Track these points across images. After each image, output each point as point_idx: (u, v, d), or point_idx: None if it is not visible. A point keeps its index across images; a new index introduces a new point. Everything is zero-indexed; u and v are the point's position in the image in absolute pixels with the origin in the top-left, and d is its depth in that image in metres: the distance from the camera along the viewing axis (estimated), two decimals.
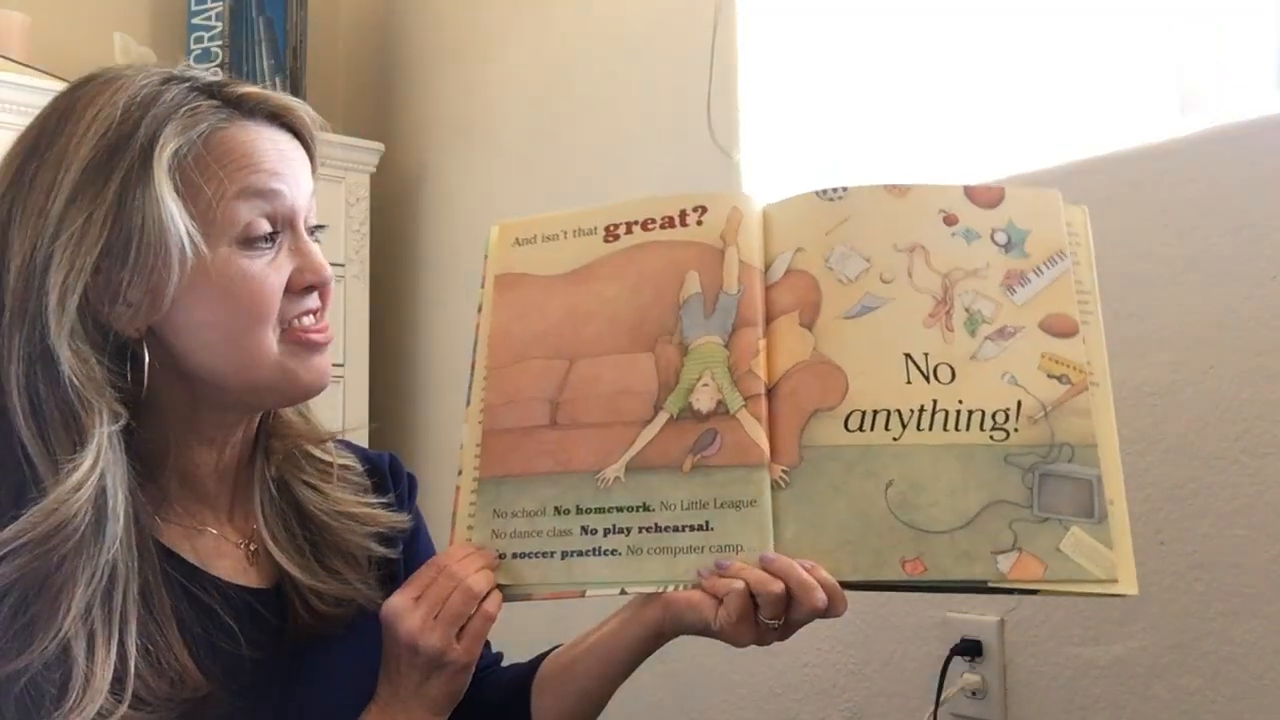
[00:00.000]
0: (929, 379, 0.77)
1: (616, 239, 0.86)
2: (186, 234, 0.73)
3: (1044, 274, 0.79)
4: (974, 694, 1.22)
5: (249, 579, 0.82)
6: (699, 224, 0.84)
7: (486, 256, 0.89)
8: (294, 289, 0.78)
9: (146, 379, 0.75)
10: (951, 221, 0.81)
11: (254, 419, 0.84)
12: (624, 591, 0.78)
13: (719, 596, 0.73)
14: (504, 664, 0.97)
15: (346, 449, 0.93)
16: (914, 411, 0.76)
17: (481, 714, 0.87)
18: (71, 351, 0.71)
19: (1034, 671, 1.19)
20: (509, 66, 1.99)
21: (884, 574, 0.74)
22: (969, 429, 0.75)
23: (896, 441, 0.76)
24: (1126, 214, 1.13)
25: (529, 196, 1.91)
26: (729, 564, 0.74)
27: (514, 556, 0.80)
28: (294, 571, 0.82)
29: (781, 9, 1.54)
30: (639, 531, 0.78)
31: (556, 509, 0.80)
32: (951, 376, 0.77)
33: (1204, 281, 1.08)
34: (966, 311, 0.78)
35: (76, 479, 0.69)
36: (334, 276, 0.82)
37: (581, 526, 0.79)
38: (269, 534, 0.83)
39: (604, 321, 0.83)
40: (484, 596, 0.77)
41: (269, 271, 0.76)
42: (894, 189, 0.82)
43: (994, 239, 0.80)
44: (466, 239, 2.07)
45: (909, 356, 0.77)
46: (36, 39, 1.90)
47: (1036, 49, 1.27)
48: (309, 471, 0.88)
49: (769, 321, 0.80)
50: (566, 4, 1.87)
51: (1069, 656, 1.16)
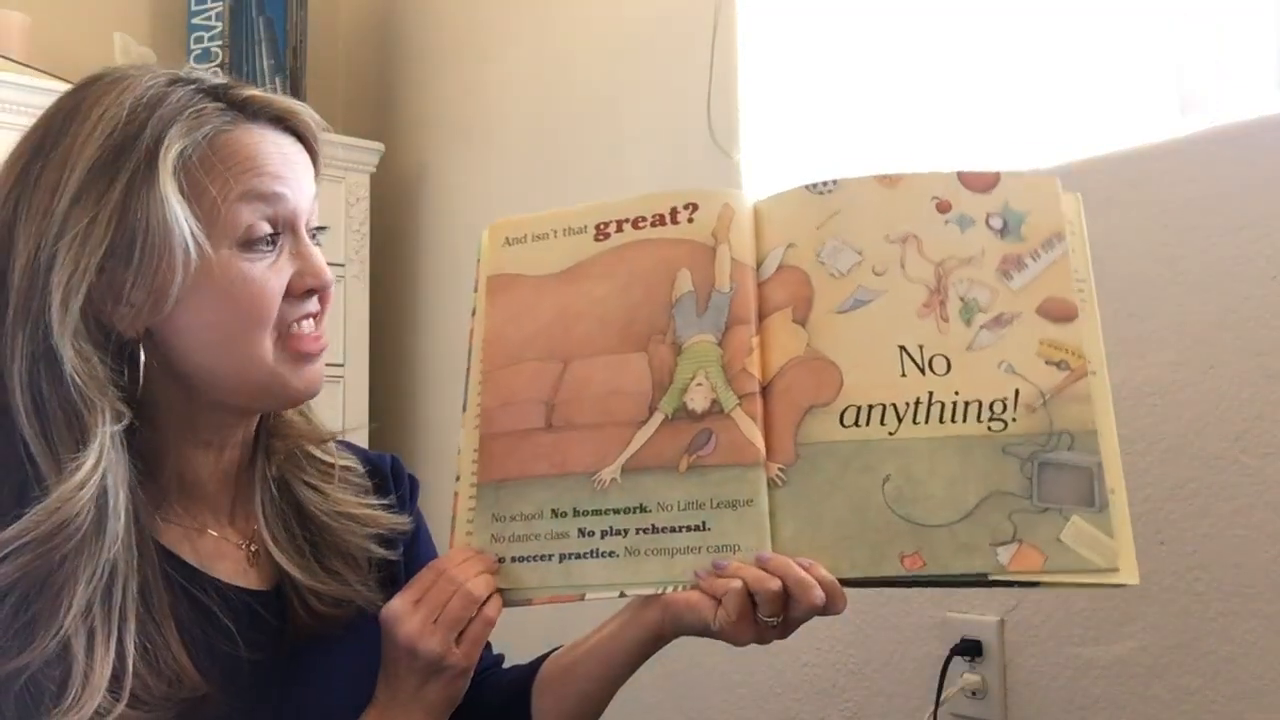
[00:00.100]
0: (924, 371, 0.76)
1: (607, 237, 0.85)
2: (190, 235, 0.73)
3: (1041, 258, 0.78)
4: (974, 694, 1.22)
5: (249, 581, 0.82)
6: (690, 221, 0.83)
7: (479, 260, 0.88)
8: (294, 292, 0.78)
9: (143, 380, 0.75)
10: (945, 209, 0.79)
11: (251, 422, 0.83)
12: (623, 594, 0.78)
13: (717, 597, 0.73)
14: (505, 665, 0.97)
15: (348, 450, 0.93)
16: (909, 405, 0.75)
17: (482, 716, 0.87)
18: (74, 351, 0.71)
19: (1034, 671, 1.19)
20: (509, 66, 1.99)
21: (883, 569, 0.73)
22: (966, 420, 0.75)
23: (892, 436, 0.75)
24: (1126, 214, 1.13)
25: (529, 196, 1.91)
26: (726, 564, 0.74)
27: (513, 560, 0.79)
28: (293, 572, 0.82)
29: (781, 9, 1.54)
30: (636, 533, 0.77)
31: (554, 512, 0.79)
32: (947, 367, 0.76)
33: (1204, 281, 1.08)
34: (961, 300, 0.77)
35: (80, 478, 0.70)
36: (334, 278, 0.82)
37: (579, 529, 0.79)
38: (269, 534, 0.83)
39: (595, 321, 0.83)
40: (484, 601, 0.77)
41: (270, 275, 0.76)
42: (885, 179, 0.81)
43: (989, 224, 0.79)
44: (466, 239, 2.06)
45: (903, 349, 0.77)
46: (36, 39, 1.90)
47: (1036, 49, 1.27)
48: (310, 472, 0.87)
49: (762, 319, 0.79)
50: (566, 4, 1.87)
51: (1069, 656, 1.16)
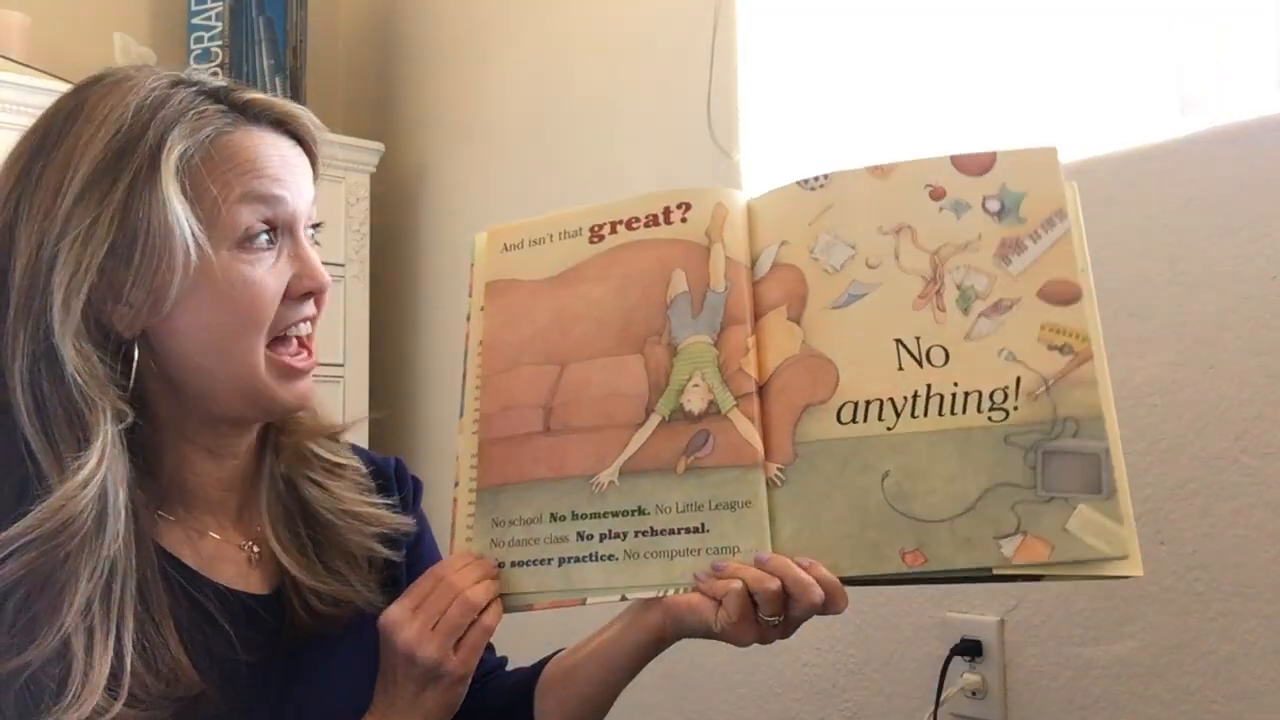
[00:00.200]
0: (921, 363, 0.75)
1: (601, 239, 0.84)
2: (191, 235, 0.73)
3: (1042, 239, 0.75)
4: (974, 694, 1.22)
5: (249, 584, 0.82)
6: (683, 221, 0.82)
7: (473, 265, 0.88)
8: (292, 295, 0.78)
9: (139, 380, 0.75)
10: (939, 195, 0.77)
11: (249, 432, 0.83)
12: (624, 597, 0.77)
13: (717, 598, 0.73)
14: (508, 668, 0.96)
15: (352, 452, 0.93)
16: (907, 399, 0.74)
17: (485, 718, 0.87)
18: (75, 350, 0.71)
19: (1034, 671, 1.19)
20: (509, 66, 1.99)
21: (884, 567, 0.72)
22: (966, 412, 0.73)
23: (891, 431, 0.74)
24: (1126, 214, 1.13)
25: (529, 196, 1.91)
26: (725, 565, 0.74)
27: (512, 565, 0.79)
28: (295, 571, 0.82)
29: (781, 9, 1.54)
30: (635, 536, 0.77)
31: (552, 516, 0.79)
32: (945, 358, 0.74)
33: (1204, 281, 1.08)
34: (958, 289, 0.75)
35: (83, 476, 0.70)
36: (333, 278, 0.82)
37: (578, 532, 0.78)
38: (273, 533, 0.83)
39: (591, 324, 0.82)
40: (483, 608, 0.77)
41: (268, 276, 0.76)
42: (877, 170, 0.80)
43: (985, 207, 0.76)
44: (466, 239, 2.04)
45: (900, 342, 0.75)
46: (36, 39, 1.90)
47: (1036, 49, 1.27)
48: (316, 469, 0.88)
49: (758, 318, 0.79)
50: (566, 3, 1.87)
51: (1069, 656, 1.16)
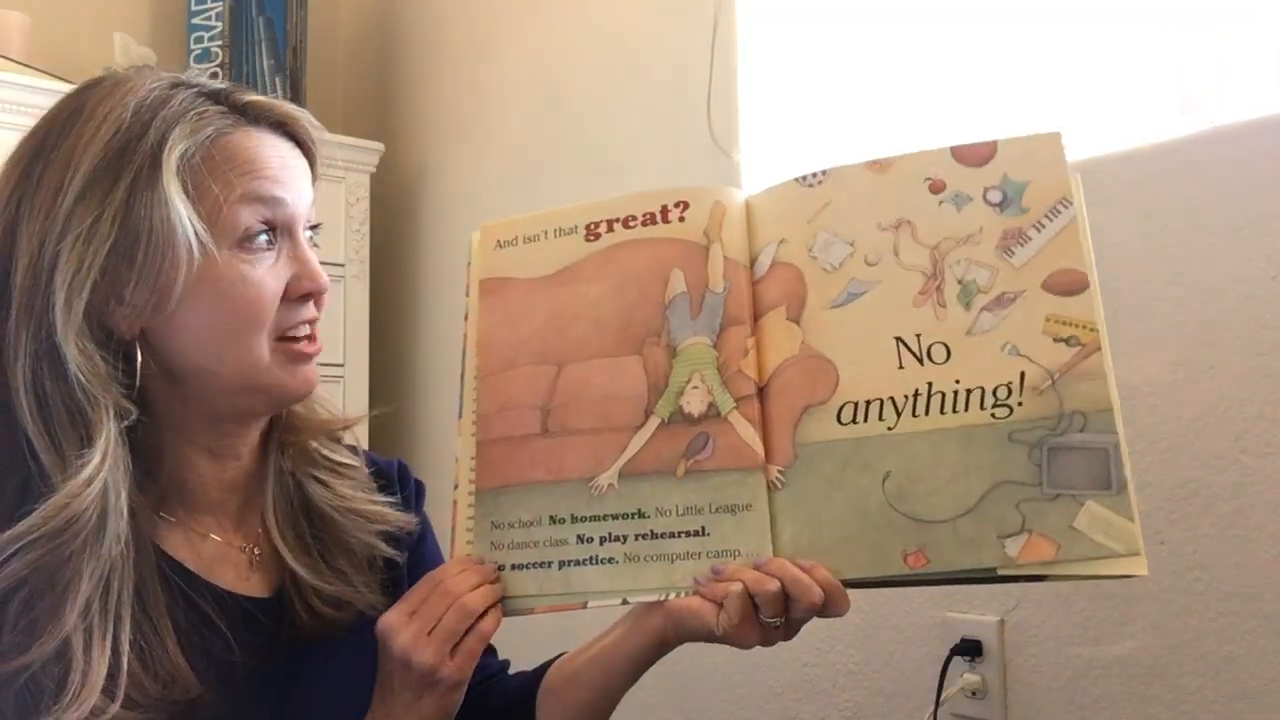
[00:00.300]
0: (922, 361, 0.73)
1: (598, 238, 0.83)
2: (194, 235, 0.73)
3: (1045, 228, 0.73)
4: (974, 694, 1.22)
5: (249, 587, 0.82)
6: (681, 220, 0.81)
7: (469, 264, 0.87)
8: (291, 296, 0.78)
9: (139, 379, 0.75)
10: (938, 188, 0.75)
11: (253, 431, 0.83)
12: (625, 601, 0.77)
13: (718, 601, 0.73)
14: (510, 671, 0.96)
15: (355, 453, 0.93)
16: (908, 397, 0.73)
17: None
18: (78, 349, 0.71)
19: (1034, 671, 1.19)
20: (509, 66, 1.99)
21: (885, 569, 0.71)
22: (968, 409, 0.71)
23: (891, 431, 0.73)
24: (1126, 214, 1.13)
25: (529, 197, 1.90)
26: (725, 568, 0.74)
27: (513, 568, 0.79)
28: (299, 570, 0.82)
29: (781, 9, 1.54)
30: (635, 539, 0.76)
31: (552, 518, 0.78)
32: (947, 355, 0.73)
33: (1204, 281, 1.08)
34: (959, 283, 0.73)
35: (87, 474, 0.70)
36: (333, 278, 0.82)
37: (577, 535, 0.77)
38: (278, 532, 0.83)
39: (589, 324, 0.81)
40: (480, 614, 0.76)
41: (268, 277, 0.77)
42: (875, 164, 0.78)
43: (987, 199, 0.74)
44: (466, 239, 2.05)
45: (900, 340, 0.74)
46: (36, 39, 1.90)
47: (1037, 49, 1.27)
48: (320, 467, 0.88)
49: (757, 318, 0.78)
50: (567, 3, 1.87)
51: (1069, 656, 1.16)
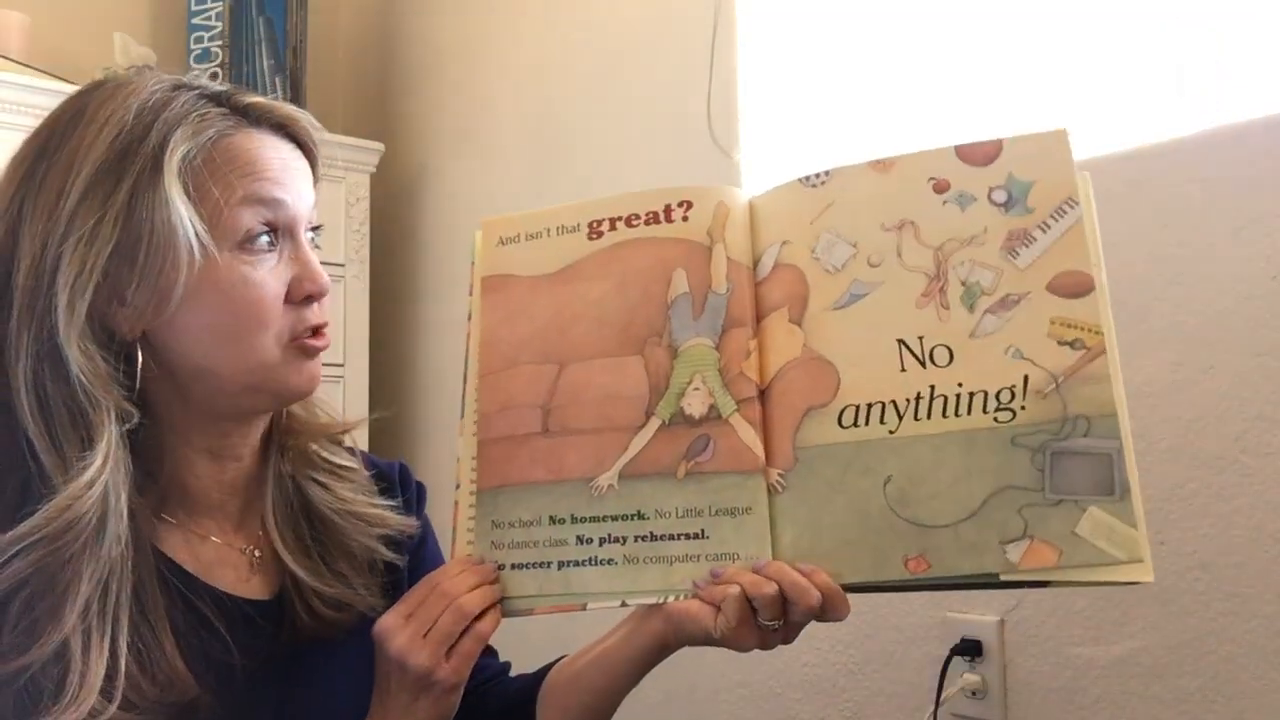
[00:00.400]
0: (925, 364, 0.72)
1: (600, 236, 0.82)
2: (195, 236, 0.73)
3: (1051, 229, 0.72)
4: (974, 694, 1.22)
5: (249, 589, 0.82)
6: (685, 220, 0.80)
7: (473, 263, 0.87)
8: (293, 299, 0.78)
9: (140, 382, 0.75)
10: (942, 188, 0.75)
11: (253, 431, 0.83)
12: (624, 603, 0.77)
13: (716, 604, 0.72)
14: (511, 673, 0.96)
15: (355, 456, 0.93)
16: (910, 400, 0.72)
17: None
18: (80, 351, 0.72)
19: (1034, 671, 1.19)
20: (509, 66, 1.99)
21: (886, 574, 0.71)
22: (970, 413, 0.71)
23: (893, 434, 0.72)
24: (1126, 214, 1.13)
25: (529, 196, 1.90)
26: (723, 571, 0.73)
27: (512, 567, 0.78)
28: (299, 572, 0.82)
29: (781, 9, 1.54)
30: (634, 540, 0.76)
31: (552, 518, 0.78)
32: (950, 358, 0.72)
33: (1204, 281, 1.08)
34: (963, 285, 0.73)
35: (88, 476, 0.70)
36: (333, 279, 0.82)
37: (577, 536, 0.77)
38: (278, 535, 0.83)
39: (591, 323, 0.81)
40: (477, 615, 0.76)
41: (269, 278, 0.77)
42: (879, 164, 0.77)
43: (992, 199, 0.73)
44: (466, 239, 2.05)
45: (902, 342, 0.73)
46: (36, 39, 1.90)
47: (1036, 48, 1.27)
48: (320, 470, 0.88)
49: (759, 320, 0.77)
50: (566, 4, 1.87)
51: (1069, 656, 1.16)
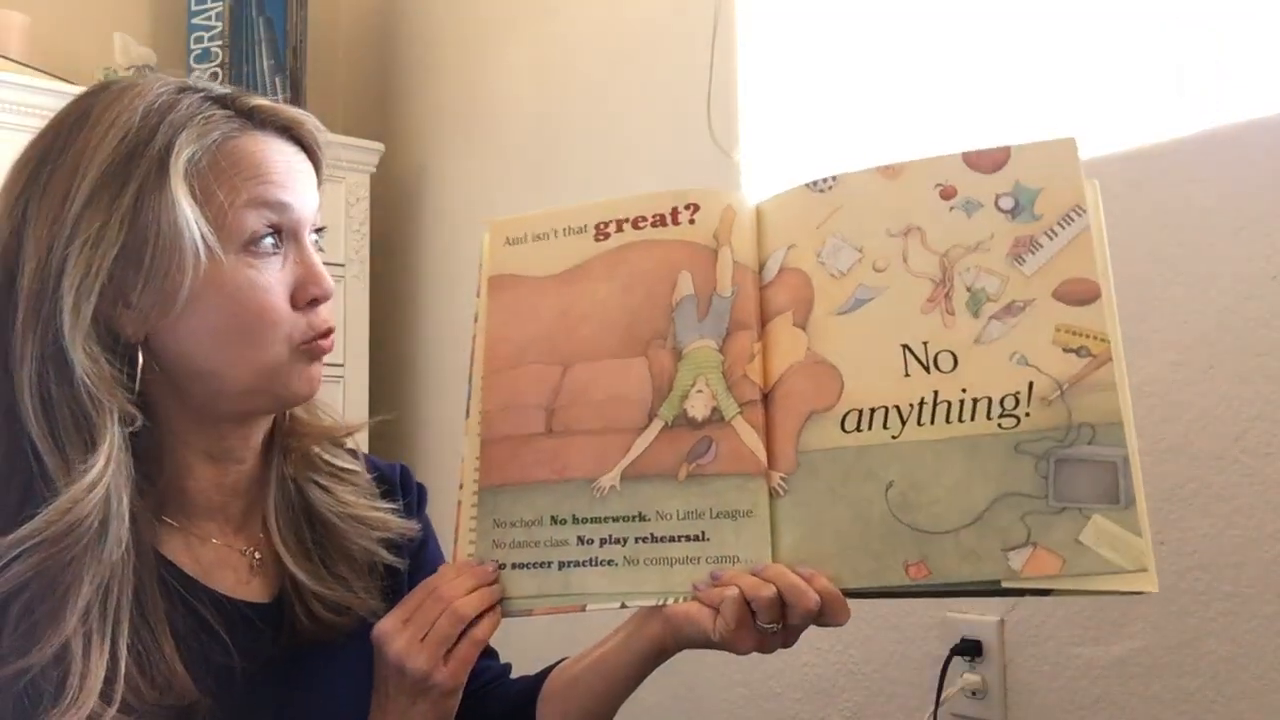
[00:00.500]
0: (929, 369, 0.72)
1: (607, 237, 0.83)
2: (201, 238, 0.73)
3: (1058, 236, 0.72)
4: (974, 694, 1.22)
5: (249, 592, 0.82)
6: (691, 222, 0.81)
7: (481, 265, 0.87)
8: (298, 303, 0.78)
9: (141, 384, 0.75)
10: (949, 195, 0.75)
11: (254, 434, 0.83)
12: (624, 605, 0.76)
13: (714, 606, 0.72)
14: (513, 675, 0.96)
15: (357, 458, 0.93)
16: (914, 406, 0.72)
17: None
18: (85, 353, 0.71)
19: (1034, 671, 1.19)
20: (509, 66, 1.99)
21: (886, 579, 0.70)
22: (974, 419, 0.70)
23: (896, 439, 0.72)
24: (1126, 214, 1.13)
25: (529, 196, 1.90)
26: (723, 573, 0.73)
27: (513, 567, 0.79)
28: (300, 575, 0.82)
29: (781, 9, 1.54)
30: (635, 542, 0.76)
31: (553, 518, 0.78)
32: (954, 364, 0.72)
33: (1204, 281, 1.08)
34: (968, 291, 0.73)
35: (91, 478, 0.70)
36: (333, 279, 0.82)
37: (578, 536, 0.77)
38: (280, 537, 0.83)
39: (597, 324, 0.81)
40: (473, 619, 0.76)
41: (274, 281, 0.77)
42: (886, 170, 0.77)
43: (999, 205, 0.73)
44: (466, 239, 2.06)
45: (907, 348, 0.73)
46: (36, 39, 1.90)
47: (1037, 49, 1.27)
48: (322, 473, 0.88)
49: (764, 324, 0.77)
50: (566, 4, 1.87)
51: (1069, 656, 1.16)
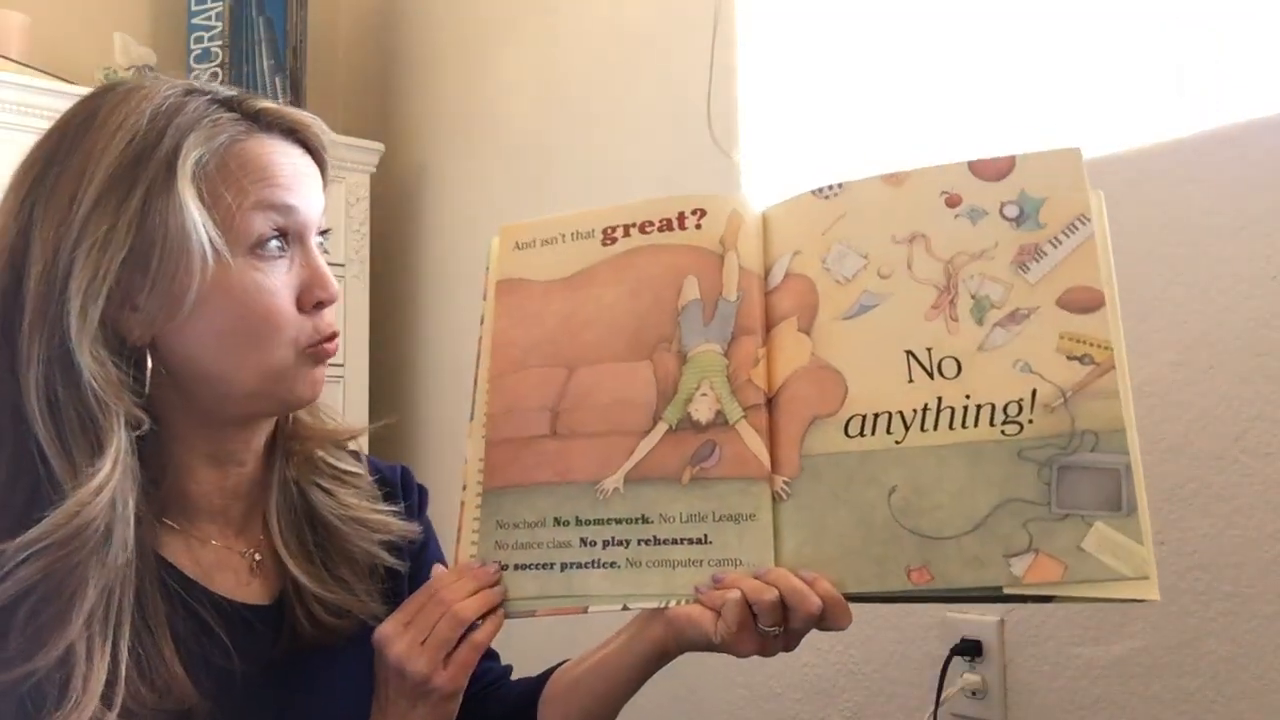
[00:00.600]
0: (933, 375, 0.73)
1: (614, 242, 0.83)
2: (208, 240, 0.73)
3: (1062, 244, 0.73)
4: (974, 694, 1.22)
5: (250, 594, 0.82)
6: (698, 228, 0.81)
7: (488, 269, 0.87)
8: (304, 306, 0.78)
9: (148, 387, 0.75)
10: (954, 202, 0.75)
11: (256, 436, 0.83)
12: (626, 607, 0.77)
13: (716, 609, 0.72)
14: (514, 677, 0.96)
15: (358, 460, 0.93)
16: (917, 411, 0.72)
17: None
18: (92, 357, 0.71)
19: (1034, 671, 1.19)
20: (509, 66, 1.99)
21: (888, 584, 0.71)
22: (978, 425, 0.71)
23: (899, 445, 0.72)
24: (1126, 214, 1.13)
25: (529, 196, 1.91)
26: (725, 576, 0.73)
27: (516, 568, 0.79)
28: (301, 578, 0.82)
29: (781, 9, 1.54)
30: (638, 544, 0.76)
31: (556, 520, 0.78)
32: (958, 370, 0.72)
33: (1204, 281, 1.08)
34: (973, 298, 0.73)
35: (97, 482, 0.70)
36: (334, 278, 0.82)
37: (581, 538, 0.77)
38: (281, 540, 0.83)
39: (602, 328, 0.81)
40: (473, 623, 0.76)
41: (280, 284, 0.77)
42: (891, 177, 0.78)
43: (1003, 214, 0.74)
44: (466, 239, 2.07)
45: (911, 354, 0.74)
46: (36, 39, 1.90)
47: (1037, 49, 1.27)
48: (324, 476, 0.88)
49: (769, 329, 0.78)
50: (567, 4, 1.87)
51: (1069, 656, 1.16)
